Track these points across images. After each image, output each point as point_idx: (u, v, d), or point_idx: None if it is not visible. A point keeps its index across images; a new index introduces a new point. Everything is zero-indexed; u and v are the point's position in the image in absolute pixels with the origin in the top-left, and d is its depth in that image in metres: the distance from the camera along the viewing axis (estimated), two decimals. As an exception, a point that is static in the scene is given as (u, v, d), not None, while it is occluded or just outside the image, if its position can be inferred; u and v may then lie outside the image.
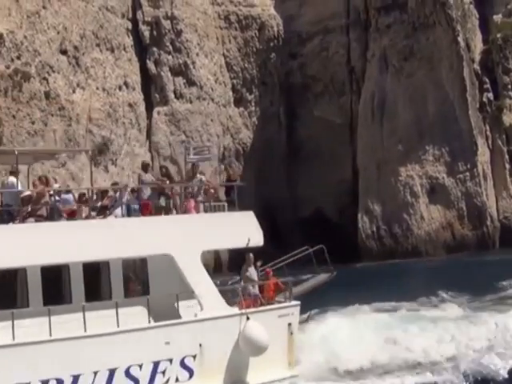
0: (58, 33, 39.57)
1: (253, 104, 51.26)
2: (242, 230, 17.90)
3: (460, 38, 47.43)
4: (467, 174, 48.05)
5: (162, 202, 17.35)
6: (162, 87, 46.33)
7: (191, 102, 47.27)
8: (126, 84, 44.22)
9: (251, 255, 18.43)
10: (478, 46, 49.84)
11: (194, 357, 16.31)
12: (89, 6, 42.11)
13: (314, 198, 52.84)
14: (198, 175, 18.06)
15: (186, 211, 17.56)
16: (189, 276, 16.56)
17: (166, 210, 17.40)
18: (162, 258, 16.51)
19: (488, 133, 49.39)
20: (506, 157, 49.27)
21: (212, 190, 18.31)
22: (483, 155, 48.56)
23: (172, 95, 46.58)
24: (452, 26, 47.26)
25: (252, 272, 18.15)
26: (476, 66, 49.20)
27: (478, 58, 49.55)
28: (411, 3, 47.74)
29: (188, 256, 16.69)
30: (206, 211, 17.85)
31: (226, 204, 18.13)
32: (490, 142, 49.46)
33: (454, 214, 48.38)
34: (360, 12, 50.18)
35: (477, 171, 48.05)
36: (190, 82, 47.18)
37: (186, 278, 16.55)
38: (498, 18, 49.86)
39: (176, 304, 16.55)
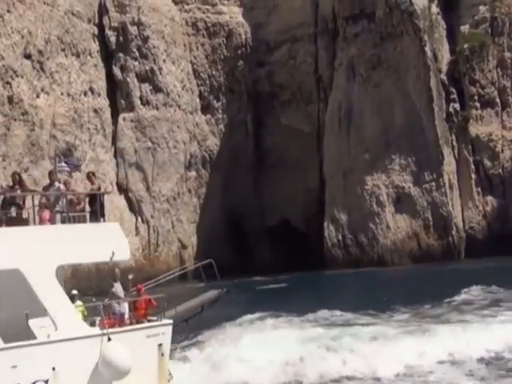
0: (23, 37, 39.08)
1: (220, 111, 51.05)
2: (105, 242, 16.16)
3: (427, 48, 47.55)
4: (433, 183, 48.13)
5: (13, 212, 15.66)
6: (128, 93, 45.98)
7: (157, 109, 46.98)
8: (91, 89, 43.82)
9: (117, 270, 16.74)
10: (446, 56, 49.98)
11: (46, 381, 14.77)
12: (54, 10, 41.68)
13: (281, 206, 52.78)
14: (56, 183, 16.30)
15: (40, 222, 15.84)
16: (41, 293, 14.96)
17: (18, 221, 15.67)
18: (10, 274, 14.81)
19: (454, 143, 49.52)
20: (472, 167, 49.39)
21: (76, 200, 16.46)
22: (449, 165, 48.68)
23: (138, 101, 46.25)
24: (419, 36, 47.38)
25: (118, 288, 16.45)
26: (443, 77, 49.35)
27: (445, 68, 49.69)
28: (379, 13, 47.81)
29: (40, 271, 15.06)
30: (63, 222, 16.08)
31: (87, 215, 16.40)
32: (456, 152, 49.59)
33: (420, 224, 48.42)
34: (328, 21, 50.16)
35: (443, 181, 48.14)
36: (157, 89, 46.89)
37: (38, 295, 14.95)
38: (465, 28, 50.03)
39: (26, 323, 14.96)
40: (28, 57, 39.45)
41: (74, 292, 16.53)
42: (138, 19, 46.14)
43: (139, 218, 46.19)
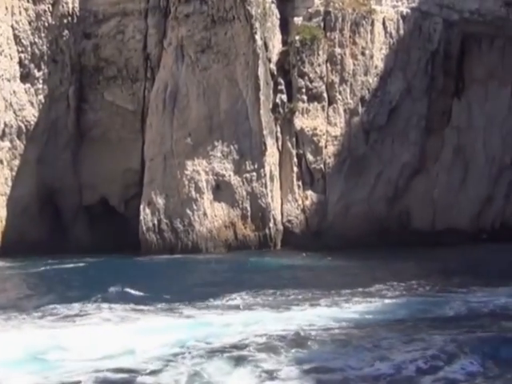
0: None
1: (41, 81, 48.61)
2: None
3: (258, 36, 46.78)
4: (254, 173, 47.51)
5: None
6: None
7: (-30, 72, 44.23)
8: None
9: None
10: (277, 46, 49.26)
11: None
12: None
13: (100, 185, 51.11)
14: None
15: None
16: None
17: None
18: None
19: (279, 134, 48.95)
20: (295, 160, 49.00)
21: None
22: (272, 156, 48.12)
23: None
24: (251, 23, 46.54)
25: None
26: (272, 67, 48.64)
27: (275, 58, 48.97)
28: (212, -5, 46.79)
29: None
30: None
31: None
32: (279, 144, 49.05)
33: (238, 214, 47.72)
34: (161, -2, 48.65)
35: (264, 172, 47.59)
36: (-30, 51, 44.13)
37: None
38: (298, 20, 49.52)
39: None
40: None
41: None
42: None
43: None
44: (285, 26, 49.89)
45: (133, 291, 27.70)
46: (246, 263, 40.44)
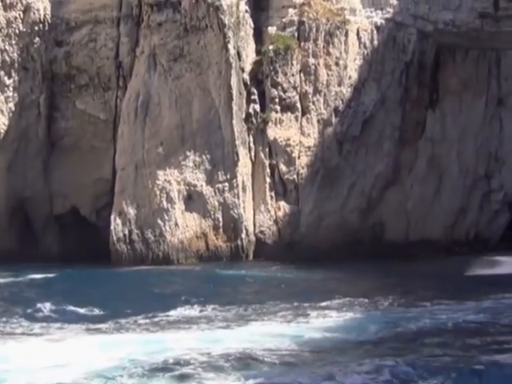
0: None
1: (11, 89, 48.03)
2: None
3: (231, 46, 46.46)
4: (226, 184, 47.11)
5: None
6: None
7: None
8: None
9: None
10: (251, 56, 48.93)
11: None
12: None
13: (71, 194, 50.62)
14: None
15: None
16: None
17: None
18: None
19: (252, 145, 48.57)
20: (268, 170, 48.63)
21: None
22: (244, 167, 47.74)
23: None
24: (224, 32, 46.22)
25: None
26: (246, 76, 48.28)
27: (248, 68, 48.62)
28: (184, 3, 46.32)
29: None
30: None
31: None
32: (252, 154, 48.66)
33: (210, 224, 47.28)
34: (133, 6, 48.14)
35: (236, 182, 47.20)
36: None
37: None
38: (272, 29, 49.22)
39: None
40: None
41: None
42: None
43: None
44: (259, 36, 49.61)
45: (84, 306, 27.01)
46: (215, 275, 40.08)
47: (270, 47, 48.34)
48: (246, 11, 48.70)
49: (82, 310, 26.83)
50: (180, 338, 21.42)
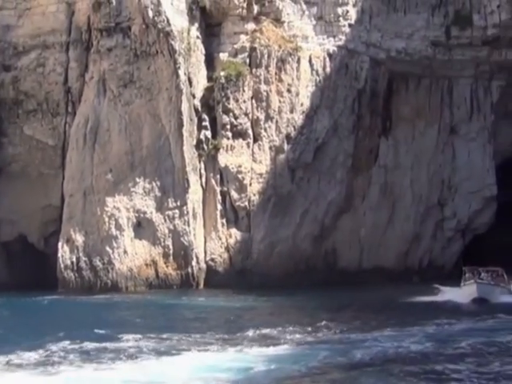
0: None
1: (-43, 114, 47.32)
2: None
3: (181, 71, 46.08)
4: (176, 211, 46.52)
5: None
6: None
7: None
8: None
9: None
10: (202, 82, 48.56)
11: None
12: None
13: (19, 221, 49.97)
14: None
15: None
16: None
17: None
18: None
19: (203, 171, 48.08)
20: (219, 197, 48.13)
21: None
22: (195, 193, 47.21)
23: None
24: (174, 57, 45.85)
25: None
26: (197, 102, 47.88)
27: (200, 94, 48.22)
28: (134, 29, 45.99)
29: None
30: None
31: None
32: (203, 181, 48.16)
33: (160, 252, 46.62)
34: (83, 31, 47.74)
35: (187, 209, 46.62)
36: None
37: None
38: (224, 56, 48.95)
39: None
40: None
41: None
42: None
43: None
44: (210, 62, 49.32)
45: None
46: (158, 304, 39.22)
47: (222, 73, 48.02)
48: (198, 37, 48.41)
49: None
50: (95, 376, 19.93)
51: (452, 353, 23.02)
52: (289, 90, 49.34)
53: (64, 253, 45.85)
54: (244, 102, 48.27)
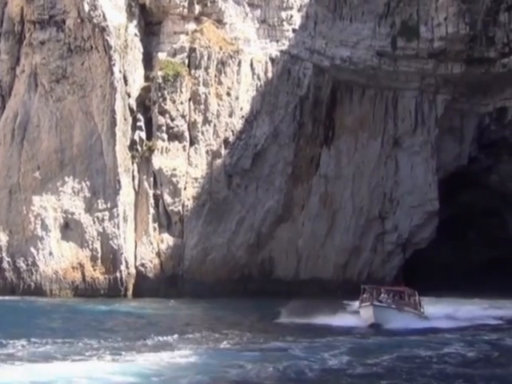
0: None
1: None
2: None
3: (116, 69, 44.61)
4: (106, 213, 44.92)
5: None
6: None
7: None
8: None
9: None
10: (139, 81, 47.03)
11: None
12: None
13: None
14: None
15: None
16: None
17: None
18: None
19: (135, 173, 46.50)
20: (152, 201, 46.58)
21: None
22: (127, 196, 45.63)
23: None
24: (109, 54, 44.38)
25: None
26: (132, 102, 46.35)
27: (136, 93, 46.68)
28: (69, 23, 44.49)
29: None
30: None
31: None
32: (136, 183, 46.57)
33: (87, 255, 44.95)
34: (15, 22, 46.03)
35: (117, 212, 45.03)
36: None
37: None
38: (162, 55, 47.51)
39: None
40: None
41: None
42: None
43: None
44: (149, 61, 47.87)
45: None
46: (76, 309, 37.51)
47: (159, 73, 46.56)
48: (136, 35, 46.95)
49: None
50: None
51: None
52: (228, 94, 48.08)
53: (-14, 253, 43.95)
54: (181, 103, 46.88)
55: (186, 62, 47.41)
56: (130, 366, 20.54)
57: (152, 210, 46.55)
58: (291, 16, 49.76)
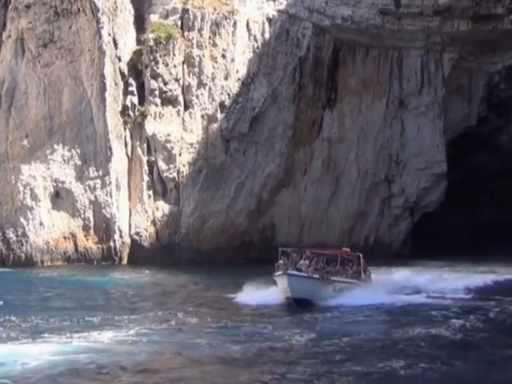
0: None
1: None
2: None
3: (104, 32, 43.24)
4: (98, 181, 43.83)
5: None
6: None
7: None
8: None
9: None
10: (130, 44, 45.58)
11: None
12: None
13: None
14: None
15: None
16: None
17: None
18: None
19: (128, 139, 45.24)
20: (146, 168, 45.35)
21: None
22: (119, 163, 44.45)
23: None
24: (97, 17, 42.99)
25: None
26: (123, 66, 44.94)
27: (127, 57, 45.26)
28: (55, -16, 43.10)
29: None
30: None
31: None
32: (129, 150, 45.32)
33: (79, 224, 43.95)
34: (0, -14, 44.79)
35: (109, 179, 43.91)
36: None
37: None
38: (154, 17, 46.00)
39: None
40: None
41: None
42: None
43: None
44: (141, 24, 46.40)
45: None
46: (63, 280, 36.53)
47: (151, 36, 45.10)
48: (126, -4, 45.44)
49: None
50: None
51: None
52: (224, 56, 46.56)
53: (-25, 224, 43.06)
54: (174, 66, 45.44)
55: (179, 23, 45.88)
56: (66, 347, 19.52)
57: (146, 177, 45.38)
58: (288, -27, 47.92)
